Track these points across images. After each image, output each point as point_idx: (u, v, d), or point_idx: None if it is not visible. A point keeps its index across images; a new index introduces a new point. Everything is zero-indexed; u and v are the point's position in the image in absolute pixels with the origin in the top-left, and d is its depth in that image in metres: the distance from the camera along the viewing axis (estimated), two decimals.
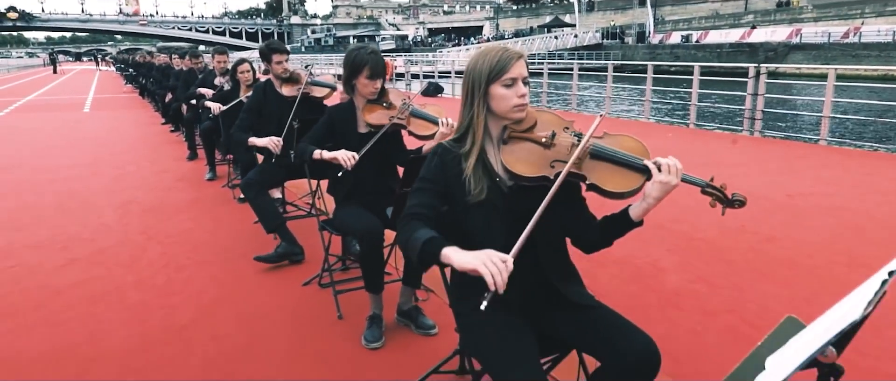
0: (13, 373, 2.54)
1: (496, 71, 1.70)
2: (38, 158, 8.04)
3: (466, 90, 1.76)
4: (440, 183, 1.74)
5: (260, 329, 2.93)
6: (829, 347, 1.16)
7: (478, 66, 1.73)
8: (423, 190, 1.74)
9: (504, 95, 1.70)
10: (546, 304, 1.82)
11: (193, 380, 2.48)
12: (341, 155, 2.75)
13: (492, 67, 1.70)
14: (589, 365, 1.87)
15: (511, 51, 1.74)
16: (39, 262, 3.92)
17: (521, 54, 1.75)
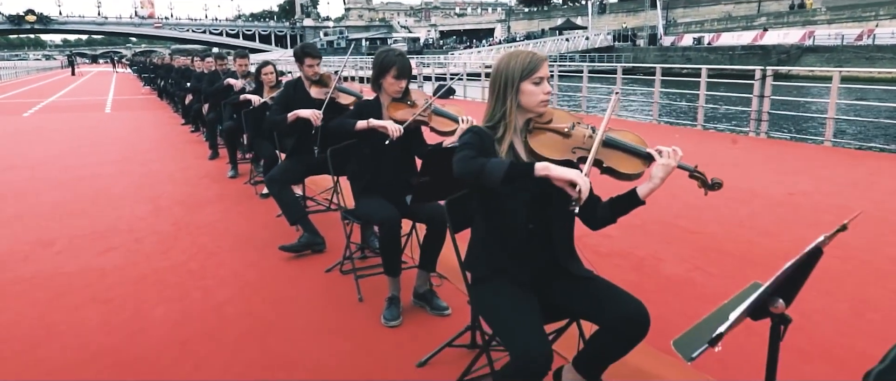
0: (78, 338, 2.86)
1: (528, 70, 1.96)
2: (67, 157, 8.39)
3: (499, 86, 1.99)
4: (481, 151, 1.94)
5: (288, 309, 3.21)
6: (779, 299, 1.41)
7: (511, 65, 1.98)
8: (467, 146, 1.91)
9: (533, 91, 1.96)
10: (551, 277, 2.07)
11: (231, 349, 2.75)
12: (390, 125, 3.01)
13: (524, 66, 1.96)
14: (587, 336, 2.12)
15: (539, 54, 2.02)
16: (83, 249, 4.23)
17: (545, 57, 2.02)
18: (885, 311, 3.12)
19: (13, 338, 2.89)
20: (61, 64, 65.58)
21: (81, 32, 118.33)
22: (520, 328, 1.85)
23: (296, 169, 4.27)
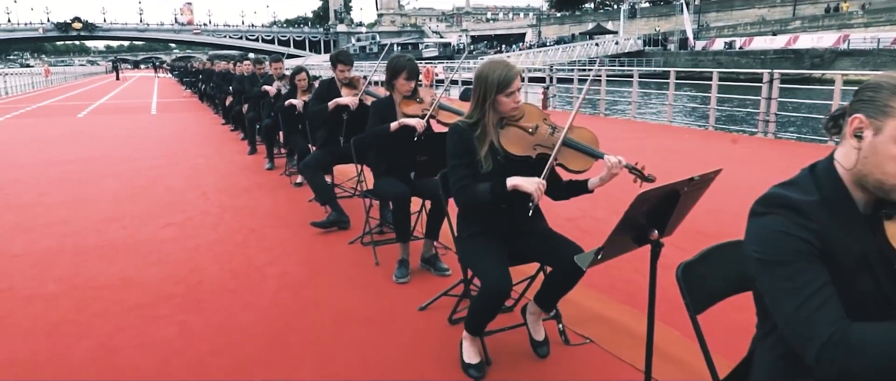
0: (150, 287, 3.59)
1: (502, 85, 2.48)
2: (121, 152, 9.26)
3: (479, 93, 2.52)
4: (466, 157, 2.55)
5: (317, 269, 3.88)
6: (654, 229, 1.99)
7: (489, 79, 2.49)
8: (457, 166, 2.53)
9: (505, 101, 2.50)
10: (520, 233, 2.67)
11: (270, 295, 3.43)
12: (415, 121, 3.63)
13: (499, 82, 2.47)
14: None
15: (513, 69, 2.54)
16: (144, 224, 4.98)
17: (519, 71, 2.59)
18: None
19: (101, 286, 3.61)
20: (105, 69, 68.20)
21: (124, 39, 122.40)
22: (488, 265, 2.47)
23: (325, 158, 4.94)
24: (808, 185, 1.32)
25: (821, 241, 1.24)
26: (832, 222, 1.26)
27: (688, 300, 1.63)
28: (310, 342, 2.89)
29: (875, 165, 1.24)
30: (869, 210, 1.30)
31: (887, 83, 1.26)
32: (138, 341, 2.90)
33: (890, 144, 1.21)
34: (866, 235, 1.27)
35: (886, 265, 1.26)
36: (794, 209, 1.27)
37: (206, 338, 2.93)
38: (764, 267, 1.28)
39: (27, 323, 3.11)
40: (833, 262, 1.24)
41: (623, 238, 1.97)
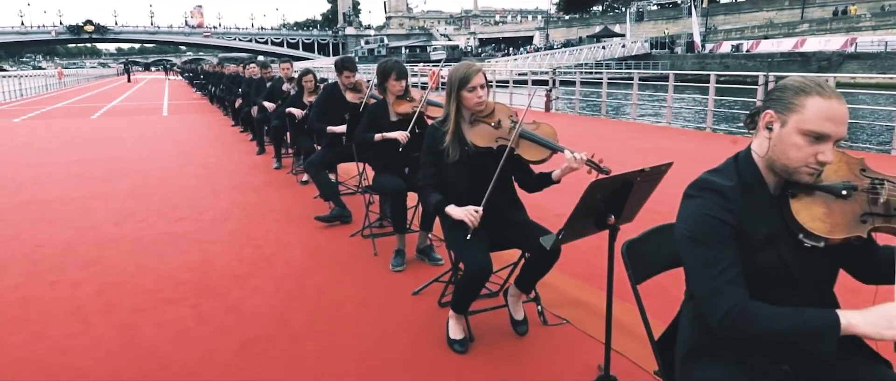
0: (165, 273, 3.89)
1: (463, 82, 2.79)
2: (134, 152, 9.60)
3: (448, 91, 2.87)
4: (434, 154, 2.86)
5: (320, 259, 4.16)
6: (611, 215, 2.26)
7: (453, 77, 2.83)
8: (427, 164, 2.87)
9: (468, 96, 2.81)
10: (498, 222, 2.94)
11: (276, 281, 3.72)
12: (398, 134, 3.93)
13: (460, 79, 2.80)
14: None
15: (474, 67, 2.85)
16: (159, 219, 5.29)
17: (480, 69, 2.88)
18: None
19: (118, 273, 3.91)
20: (117, 72, 68.98)
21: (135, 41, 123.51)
22: (471, 249, 2.74)
23: (329, 157, 5.23)
24: (730, 171, 1.59)
25: (738, 221, 1.50)
26: (747, 203, 1.52)
27: (630, 273, 1.89)
28: (311, 322, 3.17)
29: (781, 152, 1.50)
30: (778, 191, 1.56)
31: (792, 84, 1.52)
32: (155, 320, 3.19)
33: (793, 135, 1.47)
34: (775, 214, 1.53)
35: (791, 239, 1.52)
36: (719, 193, 1.53)
37: (216, 318, 3.21)
38: (689, 244, 1.54)
39: (55, 305, 3.41)
40: (745, 239, 1.50)
41: (583, 222, 2.24)
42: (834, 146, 1.47)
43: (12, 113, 17.74)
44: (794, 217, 1.50)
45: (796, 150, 1.46)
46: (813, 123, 1.43)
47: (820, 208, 1.51)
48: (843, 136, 1.47)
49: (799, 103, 1.46)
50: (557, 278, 3.54)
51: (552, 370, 2.64)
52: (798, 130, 1.45)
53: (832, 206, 1.51)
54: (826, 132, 1.43)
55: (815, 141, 1.44)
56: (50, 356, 2.81)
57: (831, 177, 1.55)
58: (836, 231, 1.47)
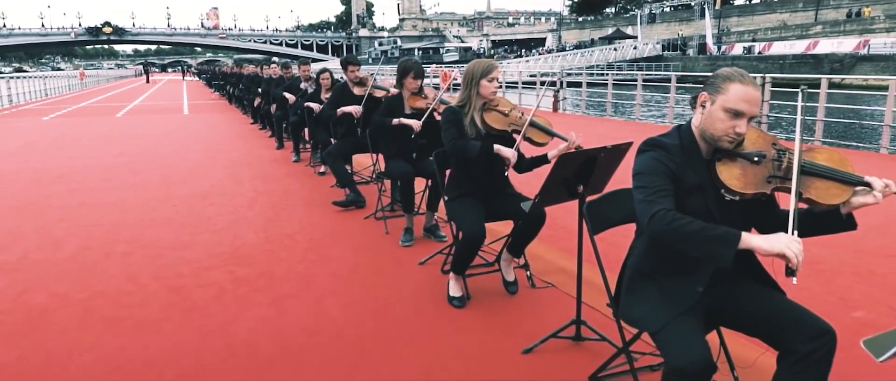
0: (202, 248, 4.43)
1: (484, 73, 3.30)
2: (162, 147, 10.20)
3: (467, 80, 3.35)
4: (456, 127, 3.33)
5: (338, 237, 4.67)
6: (580, 185, 2.73)
7: (476, 68, 3.33)
8: (452, 133, 3.31)
9: (487, 85, 3.31)
10: (495, 195, 3.42)
11: (300, 254, 4.23)
12: (413, 122, 4.41)
13: (483, 70, 3.31)
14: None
15: (494, 63, 3.36)
16: (191, 204, 5.83)
17: (498, 65, 3.38)
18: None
19: (161, 247, 4.45)
20: (135, 73, 70.25)
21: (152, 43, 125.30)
22: (467, 218, 3.23)
23: (345, 148, 5.74)
24: (674, 135, 2.06)
25: (676, 169, 1.97)
26: (684, 159, 1.99)
27: (589, 226, 2.37)
28: (331, 284, 3.68)
29: (710, 124, 1.96)
30: (708, 156, 2.03)
31: (723, 73, 1.99)
32: (197, 282, 3.71)
33: (718, 111, 1.93)
34: (704, 171, 2.00)
35: (715, 192, 1.98)
36: (663, 148, 2.00)
37: (250, 281, 3.73)
38: (636, 178, 1.99)
39: (111, 271, 3.95)
40: (679, 184, 1.97)
41: (557, 190, 2.73)
42: (749, 122, 1.94)
43: (41, 112, 18.48)
44: (718, 176, 1.97)
45: (720, 122, 1.93)
46: (733, 102, 1.90)
47: (737, 170, 1.98)
48: (755, 114, 1.94)
49: (724, 87, 1.93)
50: (546, 251, 4.03)
51: (536, 321, 3.11)
52: (722, 107, 1.92)
53: (747, 169, 1.98)
54: (742, 110, 1.89)
55: (734, 116, 1.91)
56: (112, 310, 3.34)
57: (750, 147, 2.02)
58: (748, 188, 1.94)
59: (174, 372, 2.65)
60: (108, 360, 2.75)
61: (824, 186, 1.92)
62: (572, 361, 2.70)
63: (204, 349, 2.86)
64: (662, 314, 1.93)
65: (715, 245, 1.79)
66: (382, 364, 2.71)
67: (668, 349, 1.84)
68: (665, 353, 1.86)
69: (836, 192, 1.91)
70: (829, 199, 1.90)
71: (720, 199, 1.97)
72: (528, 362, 2.72)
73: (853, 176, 1.92)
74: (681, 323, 1.88)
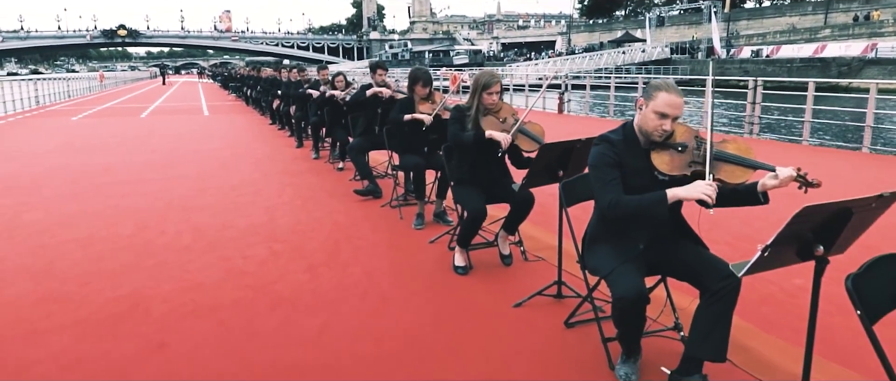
0: (241, 229, 5.13)
1: (486, 86, 3.94)
2: (189, 146, 10.93)
3: (473, 88, 4.00)
4: (460, 122, 4.00)
5: (357, 222, 5.35)
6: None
7: (479, 81, 3.96)
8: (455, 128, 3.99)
9: (487, 97, 3.95)
10: (491, 183, 4.08)
11: (325, 233, 4.91)
12: (423, 116, 5.07)
13: (484, 84, 3.95)
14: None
15: (495, 76, 4.00)
16: (225, 194, 6.54)
17: (499, 79, 4.01)
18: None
19: (206, 227, 5.14)
20: (150, 74, 71.51)
21: (165, 45, 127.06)
22: (471, 199, 3.90)
23: (365, 145, 6.42)
24: (620, 131, 2.70)
25: (619, 158, 2.62)
26: (626, 150, 2.64)
27: (562, 199, 3.02)
28: (356, 256, 4.35)
29: (644, 122, 2.61)
30: (646, 146, 2.67)
31: (654, 83, 2.63)
32: (242, 254, 4.40)
33: (650, 113, 2.58)
34: (642, 158, 2.65)
35: (651, 174, 2.63)
36: (610, 142, 2.65)
37: (286, 254, 4.42)
38: (592, 169, 2.65)
39: (168, 245, 4.64)
40: (623, 168, 2.62)
41: (539, 175, 3.38)
42: (674, 121, 2.58)
43: (67, 113, 19.33)
44: (652, 161, 2.62)
45: (652, 121, 2.58)
46: (660, 106, 2.55)
47: (667, 157, 2.63)
48: (678, 115, 2.59)
49: (655, 95, 2.58)
50: (538, 232, 4.68)
51: (526, 284, 3.74)
52: (653, 110, 2.57)
53: (673, 156, 2.63)
54: (667, 113, 2.54)
55: (661, 117, 2.56)
56: (177, 273, 4.04)
57: (678, 139, 2.66)
58: (674, 170, 2.59)
59: (234, 316, 3.33)
60: (182, 307, 3.45)
61: (731, 169, 2.56)
62: (553, 312, 3.35)
63: (256, 300, 3.54)
64: (612, 262, 2.58)
65: (653, 208, 2.45)
66: (400, 313, 3.38)
67: (613, 285, 2.49)
68: (612, 288, 2.51)
69: (739, 174, 2.55)
70: (734, 179, 2.54)
71: (655, 179, 2.61)
72: (517, 313, 3.37)
73: (755, 162, 2.56)
74: (625, 267, 2.53)
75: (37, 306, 3.49)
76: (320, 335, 3.10)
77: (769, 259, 1.94)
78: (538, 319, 3.29)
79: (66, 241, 4.78)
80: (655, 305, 3.02)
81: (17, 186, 7.11)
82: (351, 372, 2.74)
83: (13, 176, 7.75)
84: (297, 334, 3.12)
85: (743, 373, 2.68)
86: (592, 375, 2.71)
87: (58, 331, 3.15)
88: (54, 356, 2.88)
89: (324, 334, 3.12)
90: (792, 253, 2.00)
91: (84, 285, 3.81)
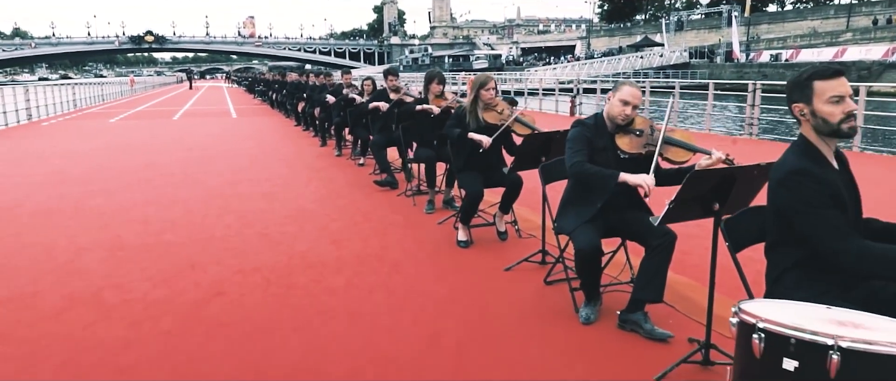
0: (278, 213, 5.91)
1: (483, 84, 4.67)
2: (221, 145, 11.80)
3: (471, 88, 4.74)
4: (458, 120, 4.73)
5: (375, 208, 6.08)
6: (542, 157, 4.08)
7: (476, 80, 4.72)
8: (453, 125, 4.74)
9: (484, 94, 4.67)
10: (489, 169, 4.78)
11: (347, 215, 5.65)
12: (433, 107, 5.79)
13: (481, 82, 4.69)
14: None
15: (491, 77, 4.74)
16: (258, 184, 7.33)
17: (493, 78, 4.74)
18: None
19: (246, 211, 5.92)
20: (177, 79, 73.35)
21: (190, 51, 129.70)
22: (470, 182, 4.61)
23: (383, 141, 7.17)
24: (592, 119, 3.40)
25: (590, 137, 3.31)
26: (596, 134, 3.33)
27: (542, 179, 3.72)
28: (373, 233, 5.09)
29: (610, 110, 3.30)
30: (612, 131, 3.36)
31: (621, 80, 3.33)
32: (279, 231, 5.16)
33: (615, 101, 3.26)
34: (608, 139, 3.33)
35: (615, 153, 3.32)
36: (584, 125, 3.35)
37: (314, 231, 5.16)
38: (567, 142, 3.34)
39: (214, 225, 5.42)
40: (592, 146, 3.30)
41: (524, 160, 4.08)
42: (633, 109, 3.27)
43: (104, 115, 20.42)
44: (616, 142, 3.30)
45: (617, 108, 3.26)
46: (624, 96, 3.24)
47: (627, 139, 3.32)
48: (637, 104, 3.28)
49: (620, 88, 3.28)
50: (533, 214, 5.36)
51: (517, 255, 4.41)
52: (618, 99, 3.26)
53: (632, 138, 3.32)
54: (628, 101, 3.24)
55: (624, 104, 3.25)
56: (221, 243, 4.81)
57: (636, 126, 3.34)
58: (632, 150, 3.27)
59: (274, 274, 4.07)
60: (230, 268, 4.21)
61: (676, 150, 3.24)
62: (536, 274, 4.03)
63: (291, 263, 4.30)
64: (574, 222, 3.27)
65: (605, 179, 3.15)
66: (409, 273, 4.11)
67: (575, 240, 3.18)
68: (574, 242, 3.19)
69: (682, 154, 3.23)
70: (678, 158, 3.22)
71: (617, 157, 3.30)
72: (506, 275, 4.07)
73: (695, 146, 3.23)
74: (584, 226, 3.22)
75: (117, 267, 4.28)
76: (345, 289, 3.83)
77: (678, 213, 2.62)
78: (523, 279, 3.98)
79: (128, 221, 5.59)
80: (616, 265, 3.72)
81: (73, 179, 7.98)
82: (369, 316, 3.45)
83: (67, 171, 8.64)
84: (326, 287, 3.86)
85: (670, 308, 3.35)
86: (562, 317, 3.39)
87: (137, 283, 3.92)
88: (139, 298, 3.65)
89: (348, 288, 3.85)
90: (698, 209, 2.68)
91: (149, 253, 4.59)
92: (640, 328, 3.11)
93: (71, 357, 2.93)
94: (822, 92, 2.14)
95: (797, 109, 2.21)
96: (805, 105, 2.17)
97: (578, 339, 3.12)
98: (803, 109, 2.18)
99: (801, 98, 2.19)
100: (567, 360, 2.91)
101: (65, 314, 3.45)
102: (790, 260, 2.21)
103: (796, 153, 2.22)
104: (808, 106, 2.17)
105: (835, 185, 2.14)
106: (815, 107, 2.15)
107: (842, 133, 2.18)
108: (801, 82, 2.20)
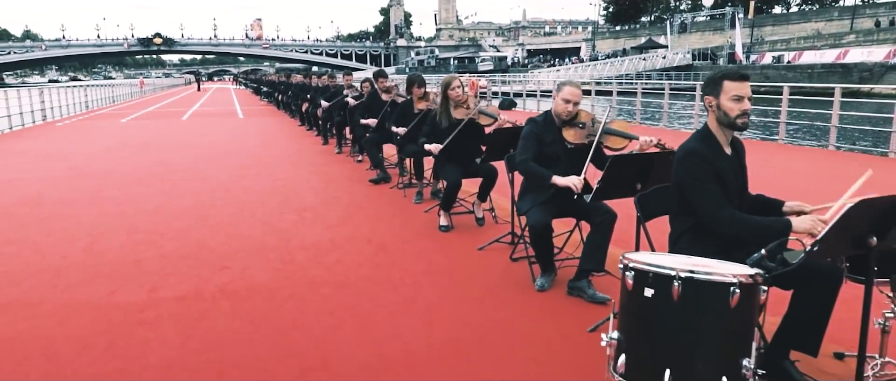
0: (283, 201, 6.44)
1: (447, 85, 5.22)
2: (228, 144, 12.37)
3: (440, 89, 5.28)
4: (432, 124, 5.27)
5: (372, 200, 6.62)
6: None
7: (443, 82, 5.26)
8: (430, 129, 5.28)
9: (452, 93, 5.22)
10: (468, 162, 5.30)
11: (347, 205, 6.19)
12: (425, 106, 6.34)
13: (447, 83, 5.24)
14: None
15: (457, 78, 5.28)
16: (260, 179, 7.88)
17: (458, 78, 5.28)
18: None
19: (258, 199, 6.46)
20: (185, 81, 74.25)
21: (198, 53, 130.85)
22: (448, 173, 5.14)
23: (377, 139, 7.70)
24: (542, 116, 3.92)
25: (540, 133, 3.82)
26: (545, 128, 3.85)
27: (509, 169, 4.24)
28: (365, 219, 5.63)
29: (556, 107, 3.82)
30: (560, 125, 3.87)
31: (562, 81, 3.85)
32: (279, 219, 5.70)
33: (559, 100, 3.78)
34: (556, 133, 3.85)
35: (563, 145, 3.83)
36: (534, 121, 3.87)
37: (312, 219, 5.70)
38: (520, 139, 3.86)
39: (220, 215, 5.97)
40: (541, 140, 3.82)
41: (495, 152, 4.60)
42: (575, 106, 3.78)
43: (115, 116, 21.08)
44: (562, 135, 3.82)
45: (560, 106, 3.78)
46: (565, 95, 3.76)
47: (572, 131, 3.84)
48: (578, 101, 3.80)
49: (563, 88, 3.80)
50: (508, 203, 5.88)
51: (490, 236, 4.93)
52: (562, 98, 3.78)
53: (577, 130, 3.84)
54: (570, 99, 3.76)
55: (566, 103, 3.77)
56: (229, 230, 5.35)
57: (580, 120, 3.86)
58: (576, 140, 3.79)
59: (274, 253, 4.61)
60: (234, 248, 4.76)
61: (614, 139, 3.76)
62: (504, 252, 4.54)
63: (290, 244, 4.84)
64: (530, 204, 3.79)
65: (541, 178, 3.67)
66: (397, 253, 4.64)
67: (528, 218, 3.70)
68: (527, 220, 3.71)
69: (620, 142, 3.75)
70: (616, 145, 3.74)
71: (565, 147, 3.82)
72: (479, 254, 4.59)
73: (629, 134, 3.75)
74: (537, 207, 3.74)
75: (134, 247, 4.84)
76: (336, 264, 4.37)
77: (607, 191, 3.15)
78: (493, 256, 4.50)
79: (141, 210, 6.15)
80: (574, 244, 4.23)
81: (89, 174, 8.56)
82: (353, 286, 3.98)
83: (84, 167, 9.22)
84: (319, 263, 4.40)
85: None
86: (521, 287, 3.90)
87: (153, 260, 4.48)
88: (155, 272, 4.20)
89: (338, 263, 4.39)
90: (624, 189, 3.20)
91: (162, 237, 5.14)
92: (584, 293, 3.63)
93: (99, 315, 3.48)
94: (728, 90, 2.58)
95: (707, 101, 2.65)
96: (714, 98, 2.63)
97: (532, 303, 3.64)
98: (712, 101, 2.64)
99: (712, 92, 2.63)
100: (521, 319, 3.43)
101: (88, 286, 4.00)
102: (685, 226, 2.72)
103: (696, 138, 2.72)
104: (715, 100, 2.63)
105: (721, 166, 2.64)
106: (720, 101, 2.62)
107: (736, 126, 2.65)
108: (715, 80, 2.64)
